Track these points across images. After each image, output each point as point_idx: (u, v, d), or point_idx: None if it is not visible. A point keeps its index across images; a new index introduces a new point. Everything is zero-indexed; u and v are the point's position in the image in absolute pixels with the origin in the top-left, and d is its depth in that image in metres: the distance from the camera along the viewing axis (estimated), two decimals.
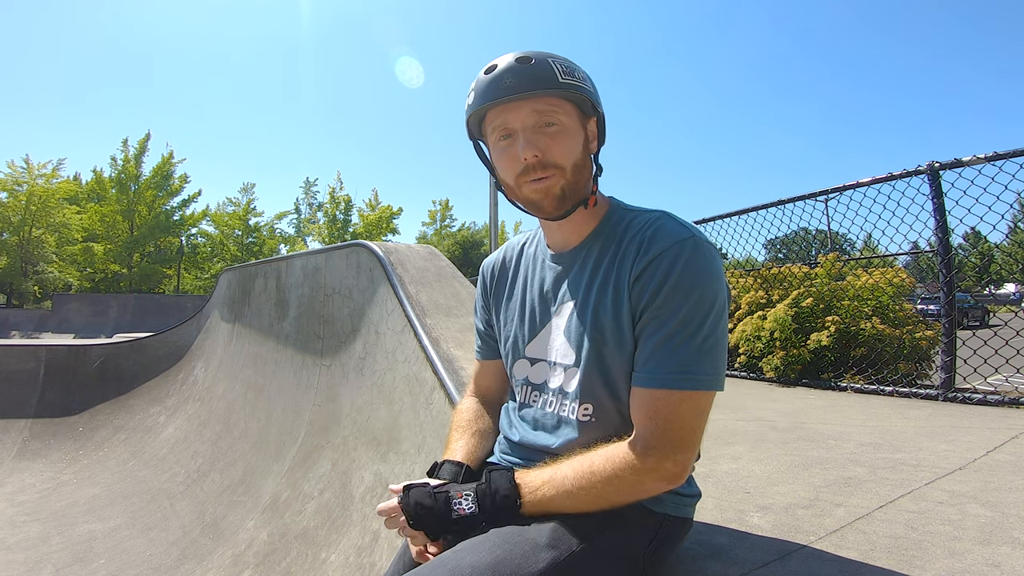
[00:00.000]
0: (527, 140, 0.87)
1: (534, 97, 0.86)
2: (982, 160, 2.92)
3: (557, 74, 0.86)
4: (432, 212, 39.78)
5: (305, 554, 2.41)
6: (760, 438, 2.06)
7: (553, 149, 0.88)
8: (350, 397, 3.03)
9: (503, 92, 0.86)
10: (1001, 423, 2.24)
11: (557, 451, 0.92)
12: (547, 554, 0.76)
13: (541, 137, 0.87)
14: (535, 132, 0.87)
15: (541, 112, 0.87)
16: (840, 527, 1.17)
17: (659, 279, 0.82)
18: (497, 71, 0.87)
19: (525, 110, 0.87)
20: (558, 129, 0.88)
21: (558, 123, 0.88)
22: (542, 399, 0.98)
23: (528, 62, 0.86)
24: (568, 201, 0.90)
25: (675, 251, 0.82)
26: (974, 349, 3.00)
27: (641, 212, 0.94)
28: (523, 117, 0.87)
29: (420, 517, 0.84)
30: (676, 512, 0.89)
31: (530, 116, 0.87)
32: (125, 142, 28.77)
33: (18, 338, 16.84)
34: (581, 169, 0.91)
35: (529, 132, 0.87)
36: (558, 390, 0.95)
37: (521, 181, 0.90)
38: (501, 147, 0.91)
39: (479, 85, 0.89)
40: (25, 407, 6.00)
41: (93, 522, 3.80)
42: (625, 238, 0.90)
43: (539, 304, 1.01)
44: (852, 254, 5.20)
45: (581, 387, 0.91)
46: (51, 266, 26.94)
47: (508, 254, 1.13)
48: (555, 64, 0.87)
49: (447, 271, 3.29)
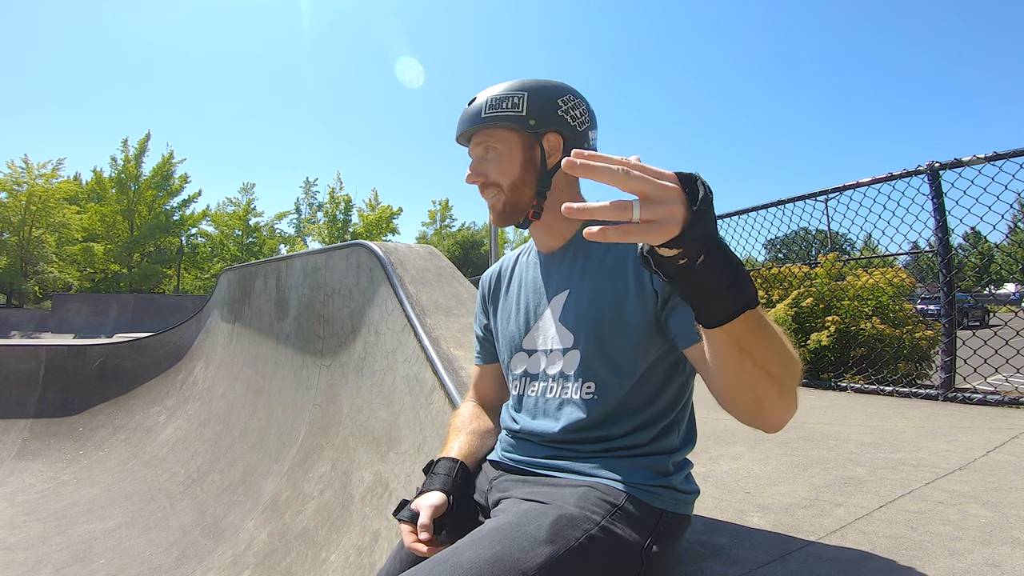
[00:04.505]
0: (472, 168, 1.06)
1: (472, 132, 1.04)
2: (982, 160, 2.92)
3: (483, 109, 1.01)
4: (432, 212, 39.77)
5: (305, 554, 2.41)
6: (760, 438, 2.06)
7: (490, 172, 1.03)
8: (350, 397, 3.03)
9: (459, 129, 1.06)
10: (1001, 423, 2.24)
11: (558, 435, 0.96)
12: (546, 549, 0.76)
13: (483, 163, 1.04)
14: (479, 160, 1.05)
15: (480, 144, 1.04)
16: (840, 527, 1.17)
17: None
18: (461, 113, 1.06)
19: (473, 143, 1.06)
20: (494, 155, 1.03)
21: (494, 149, 1.03)
22: (542, 386, 1.02)
23: (471, 103, 1.03)
24: (509, 216, 1.04)
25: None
26: (974, 349, 3.00)
27: None
28: (472, 148, 1.07)
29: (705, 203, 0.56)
30: (675, 509, 0.90)
31: (476, 148, 1.05)
32: (125, 142, 28.77)
33: (18, 338, 16.83)
34: (520, 187, 1.03)
35: (475, 161, 1.06)
36: (559, 375, 0.99)
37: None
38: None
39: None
40: (25, 407, 6.01)
41: (93, 522, 3.80)
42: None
43: (533, 298, 1.08)
44: (852, 254, 5.20)
45: (582, 367, 0.96)
46: (51, 266, 26.92)
47: (505, 264, 1.22)
48: (489, 100, 1.01)
49: (447, 271, 3.29)
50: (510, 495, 0.93)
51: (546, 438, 0.97)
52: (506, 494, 0.95)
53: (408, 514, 0.96)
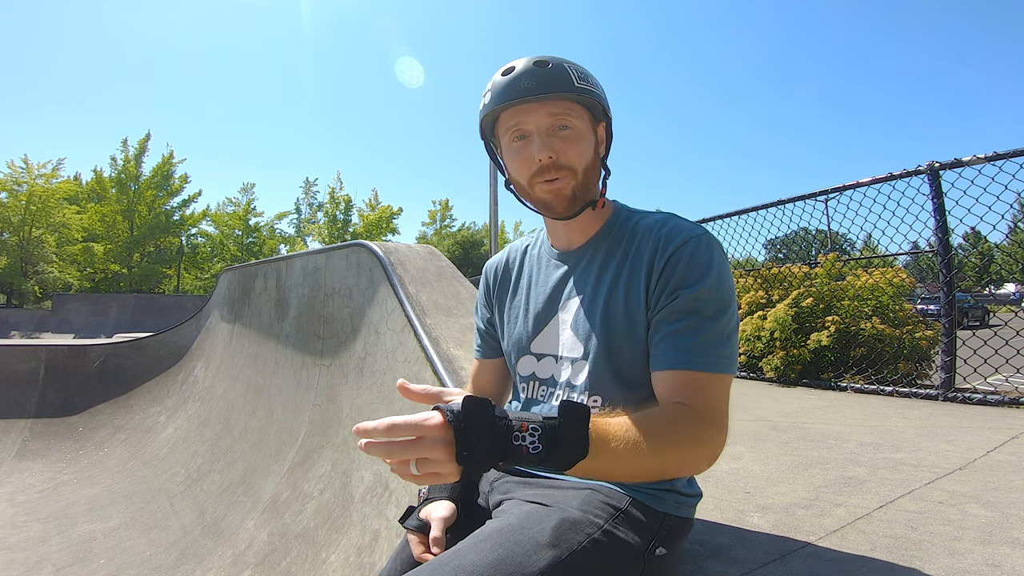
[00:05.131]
0: (542, 142, 0.89)
1: (549, 100, 0.88)
2: (982, 160, 2.92)
3: (573, 79, 0.88)
4: (432, 212, 39.76)
5: (305, 554, 2.41)
6: (760, 438, 2.06)
7: (567, 152, 0.90)
8: (350, 397, 3.03)
9: (520, 94, 0.87)
10: (1001, 423, 2.24)
11: None
12: (549, 553, 0.76)
13: (555, 140, 0.90)
14: (549, 135, 0.90)
15: (556, 115, 0.89)
16: (840, 527, 1.17)
17: (682, 270, 0.86)
18: (515, 73, 0.89)
19: (541, 113, 0.89)
20: (571, 132, 0.90)
21: (572, 126, 0.90)
22: (551, 393, 0.99)
23: (545, 66, 0.88)
24: (578, 202, 0.93)
25: (693, 244, 0.87)
26: (974, 349, 3.00)
27: (648, 214, 0.99)
28: (538, 119, 0.89)
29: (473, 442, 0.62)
30: (677, 512, 0.90)
31: (545, 119, 0.89)
32: (125, 142, 28.79)
33: (18, 338, 16.83)
34: (591, 172, 0.94)
35: (544, 135, 0.90)
36: (566, 383, 0.97)
37: (534, 182, 0.93)
38: (515, 148, 0.93)
39: (496, 86, 0.91)
40: (25, 407, 6.01)
41: (93, 522, 3.80)
42: (636, 237, 0.94)
43: (544, 300, 1.03)
44: (852, 254, 5.20)
45: (590, 379, 0.93)
46: (51, 266, 26.92)
47: (511, 255, 1.15)
48: (571, 69, 0.89)
49: (447, 271, 3.29)
50: (512, 496, 0.93)
51: None
52: (507, 496, 0.94)
53: (416, 523, 0.94)
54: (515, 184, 0.98)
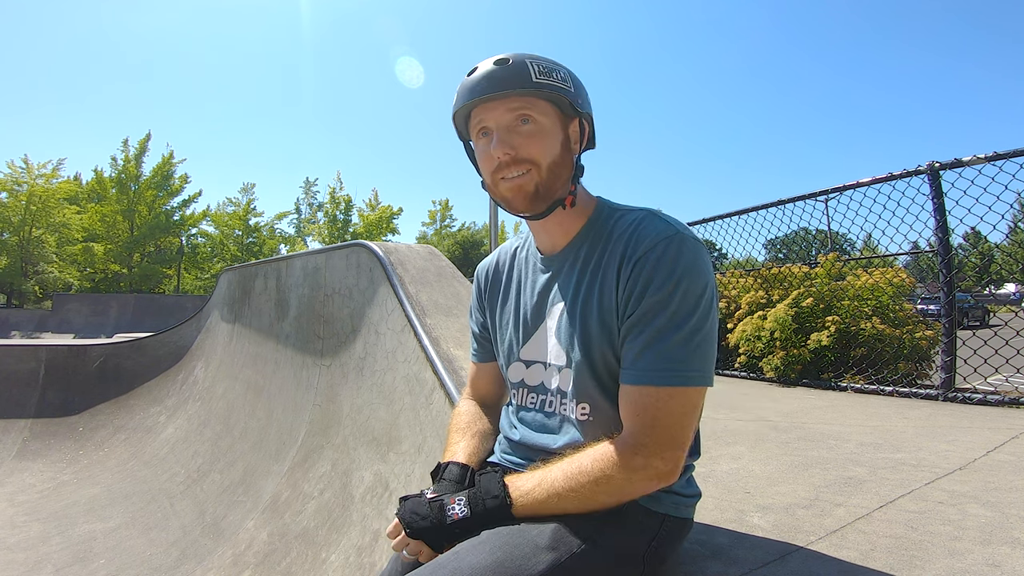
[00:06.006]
0: (500, 138, 0.89)
1: (506, 97, 0.87)
2: (982, 160, 2.92)
3: (532, 74, 0.87)
4: (432, 212, 39.77)
5: (305, 554, 2.41)
6: (760, 438, 2.06)
7: (527, 146, 0.89)
8: (350, 397, 3.03)
9: (478, 92, 0.88)
10: (1001, 423, 2.24)
11: (558, 451, 0.91)
12: (548, 555, 0.76)
13: (515, 136, 0.89)
14: (509, 131, 0.89)
15: (515, 110, 0.88)
16: (840, 527, 1.17)
17: (645, 277, 0.82)
18: (476, 73, 0.89)
19: (500, 109, 0.89)
20: (534, 128, 0.89)
21: (534, 121, 0.89)
22: (542, 400, 0.98)
23: (505, 63, 0.88)
24: (542, 200, 0.91)
25: (661, 248, 0.83)
26: (974, 349, 3.00)
27: (628, 211, 0.95)
28: (498, 116, 0.89)
29: (416, 525, 0.85)
30: (676, 513, 0.90)
31: (504, 115, 0.89)
32: (125, 142, 28.77)
33: (18, 338, 16.83)
34: (557, 168, 0.91)
35: (503, 131, 0.89)
36: (556, 391, 0.95)
37: (496, 178, 0.92)
38: (480, 146, 0.94)
39: (461, 87, 0.92)
40: (25, 407, 6.00)
41: (93, 522, 3.80)
42: (612, 238, 0.91)
43: (531, 307, 1.01)
44: (852, 254, 5.20)
45: (576, 387, 0.91)
46: (51, 266, 26.91)
47: (501, 259, 1.13)
48: (532, 64, 0.88)
49: (447, 271, 3.29)
50: None
51: (549, 452, 0.94)
52: None
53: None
54: (485, 183, 0.97)
